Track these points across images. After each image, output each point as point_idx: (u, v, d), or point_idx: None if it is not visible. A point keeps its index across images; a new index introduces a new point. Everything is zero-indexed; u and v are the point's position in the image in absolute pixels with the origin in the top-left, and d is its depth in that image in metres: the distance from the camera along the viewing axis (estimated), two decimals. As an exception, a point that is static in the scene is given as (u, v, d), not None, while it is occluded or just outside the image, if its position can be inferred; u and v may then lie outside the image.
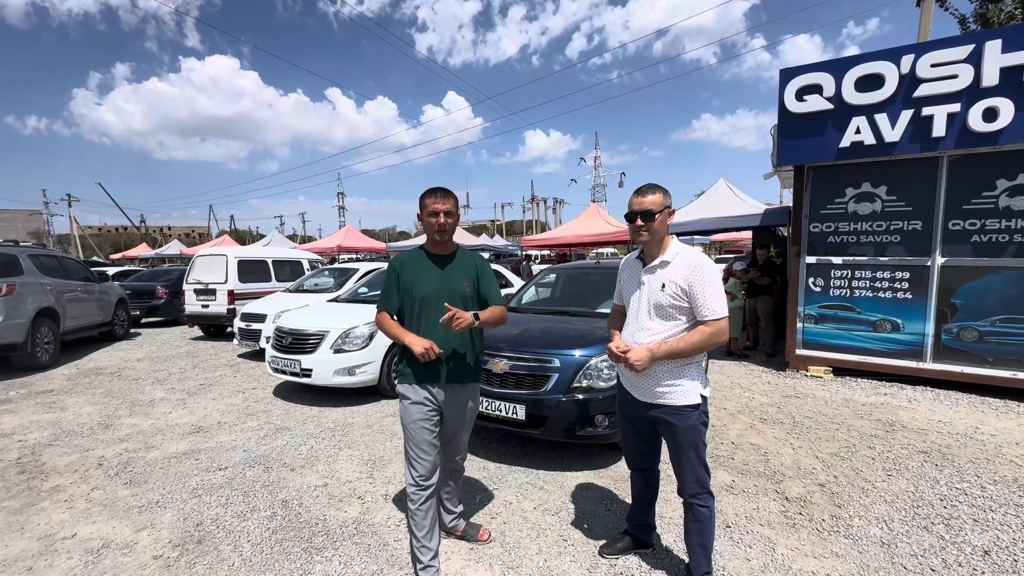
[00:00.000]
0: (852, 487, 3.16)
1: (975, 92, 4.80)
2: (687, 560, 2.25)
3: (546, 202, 56.40)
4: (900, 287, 5.47)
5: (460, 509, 2.69)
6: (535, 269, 16.64)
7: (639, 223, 2.08)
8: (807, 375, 5.92)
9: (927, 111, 4.99)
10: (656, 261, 2.11)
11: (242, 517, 2.92)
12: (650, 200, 2.07)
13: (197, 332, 10.10)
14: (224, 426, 4.52)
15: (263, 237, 29.53)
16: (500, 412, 3.42)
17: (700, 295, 1.99)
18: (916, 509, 2.88)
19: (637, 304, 2.16)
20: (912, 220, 5.35)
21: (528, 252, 25.08)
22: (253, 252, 10.87)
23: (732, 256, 16.42)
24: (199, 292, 9.16)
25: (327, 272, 8.97)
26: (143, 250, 34.64)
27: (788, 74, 5.65)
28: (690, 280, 2.01)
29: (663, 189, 2.12)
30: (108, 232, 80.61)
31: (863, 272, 5.66)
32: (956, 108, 4.88)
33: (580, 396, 3.27)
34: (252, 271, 9.50)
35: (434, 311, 2.25)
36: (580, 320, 4.18)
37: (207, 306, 9.10)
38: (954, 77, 4.86)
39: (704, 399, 2.10)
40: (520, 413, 3.35)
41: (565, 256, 19.70)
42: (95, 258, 32.43)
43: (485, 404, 3.43)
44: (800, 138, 5.67)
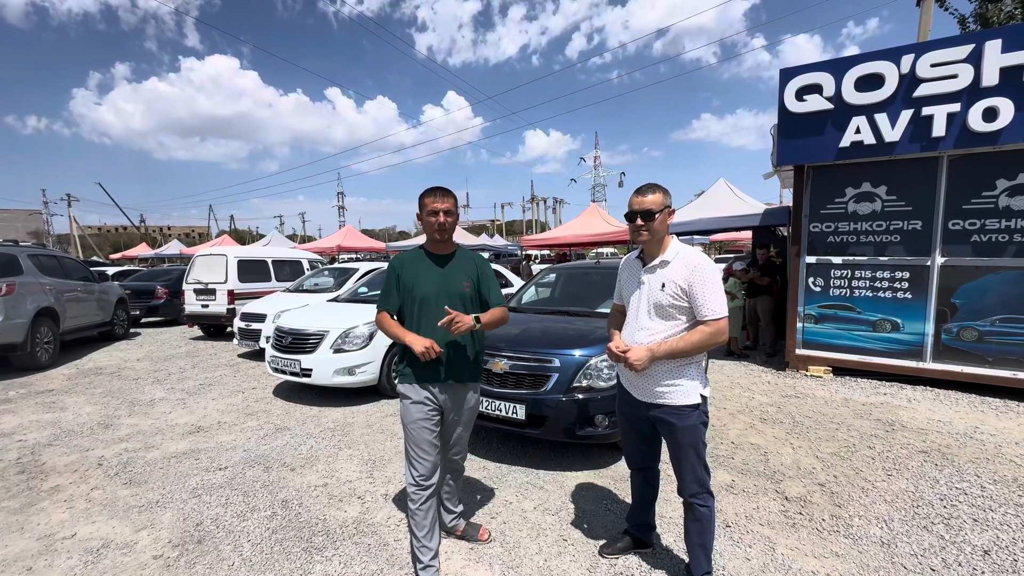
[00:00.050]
0: (852, 487, 3.16)
1: (975, 92, 4.80)
2: (687, 560, 2.25)
3: (546, 202, 56.41)
4: (900, 287, 5.47)
5: (460, 509, 2.69)
6: (535, 269, 16.65)
7: (639, 223, 2.08)
8: (807, 375, 5.92)
9: (927, 111, 4.99)
10: (656, 261, 2.11)
11: (242, 517, 2.92)
12: (650, 200, 2.07)
13: (197, 332, 10.10)
14: (224, 426, 4.52)
15: (263, 237, 29.53)
16: (500, 412, 3.42)
17: (700, 295, 1.99)
18: (916, 509, 2.89)
19: (637, 304, 2.16)
20: (912, 220, 5.35)
21: (528, 252, 25.09)
22: (253, 252, 10.87)
23: (732, 256, 16.43)
24: (199, 292, 9.16)
25: (327, 272, 8.97)
26: (143, 250, 34.64)
27: (788, 74, 5.65)
28: (690, 280, 2.01)
29: (663, 189, 2.12)
30: (108, 232, 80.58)
31: (863, 272, 5.66)
32: (956, 108, 4.88)
33: (580, 396, 3.27)
34: (252, 271, 9.51)
35: (434, 311, 2.25)
36: (580, 320, 4.18)
37: (207, 306, 9.11)
38: (954, 77, 4.87)
39: (704, 399, 2.10)
40: (520, 413, 3.35)
41: (565, 256, 19.70)
42: (95, 258, 32.43)
43: (485, 404, 3.43)
44: (800, 138, 5.67)
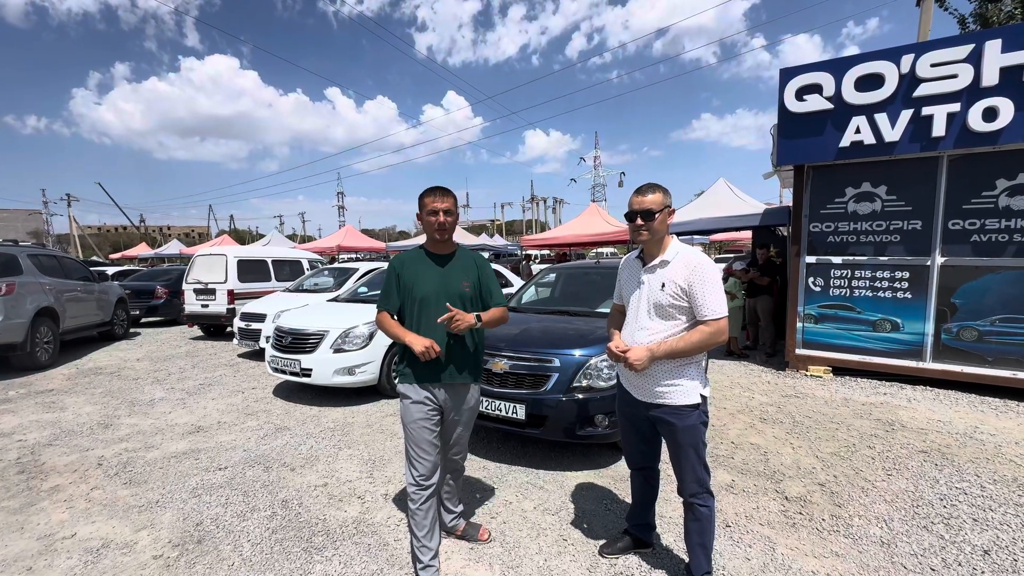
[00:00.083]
0: (852, 486, 3.16)
1: (975, 92, 4.80)
2: (687, 560, 2.25)
3: (546, 202, 56.42)
4: (900, 287, 5.47)
5: (460, 509, 2.68)
6: (535, 269, 16.66)
7: (639, 222, 2.08)
8: (807, 375, 5.92)
9: (927, 111, 4.99)
10: (656, 260, 2.11)
11: (242, 517, 2.92)
12: (650, 199, 2.07)
13: (197, 332, 10.10)
14: (224, 426, 4.52)
15: (263, 237, 29.53)
16: (500, 412, 3.42)
17: (700, 295, 1.99)
18: (916, 508, 2.89)
19: (637, 304, 2.16)
20: (912, 220, 5.35)
21: (528, 252, 25.09)
22: (253, 252, 10.87)
23: (732, 256, 16.43)
24: (199, 292, 9.16)
25: (327, 272, 8.97)
26: (143, 250, 34.63)
27: (788, 74, 5.65)
28: (690, 280, 2.01)
29: (663, 188, 2.12)
30: (107, 232, 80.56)
31: (863, 272, 5.66)
32: (956, 108, 4.88)
33: (580, 396, 3.27)
34: (252, 271, 9.50)
35: (434, 310, 2.25)
36: (580, 320, 4.18)
37: (207, 306, 9.10)
38: (954, 77, 4.87)
39: (704, 399, 2.10)
40: (520, 413, 3.35)
41: (565, 256, 19.70)
42: (94, 258, 32.44)
43: (485, 404, 3.43)
44: (800, 138, 5.67)
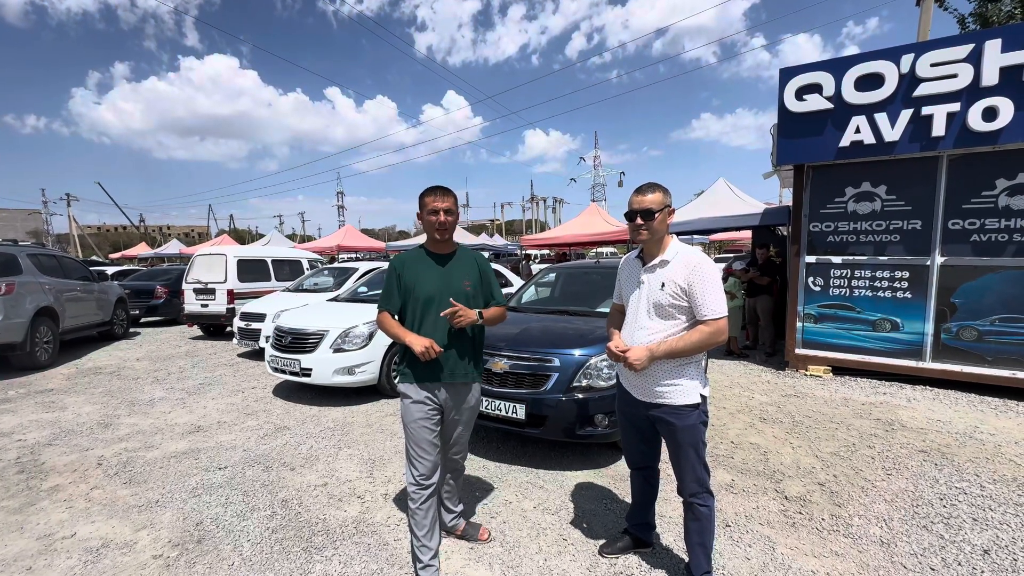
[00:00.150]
0: (852, 486, 3.16)
1: (975, 91, 4.80)
2: (687, 559, 2.25)
3: (546, 201, 56.45)
4: (900, 286, 5.47)
5: (460, 508, 2.69)
6: (535, 268, 16.66)
7: (639, 222, 2.08)
8: (806, 374, 5.92)
9: (927, 110, 4.99)
10: (656, 260, 2.11)
11: (242, 516, 2.92)
12: (650, 199, 2.07)
13: (196, 331, 10.09)
14: (224, 425, 4.52)
15: (262, 236, 29.53)
16: (500, 411, 3.42)
17: (700, 294, 1.99)
18: (916, 508, 2.89)
19: (636, 303, 2.16)
20: (912, 219, 5.35)
21: (528, 251, 25.09)
22: (252, 251, 10.86)
23: (732, 255, 16.44)
24: (198, 291, 9.15)
25: (326, 271, 8.97)
26: (142, 249, 34.62)
27: (788, 73, 5.65)
28: (690, 279, 2.01)
29: (663, 188, 2.12)
30: (107, 231, 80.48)
31: (863, 271, 5.66)
32: (956, 107, 4.88)
33: (580, 395, 3.27)
34: (251, 270, 9.50)
35: (435, 310, 2.25)
36: (580, 319, 4.18)
37: (206, 305, 9.10)
38: (954, 76, 4.87)
39: (704, 398, 2.10)
40: (520, 412, 3.35)
41: (565, 255, 19.71)
42: (94, 257, 32.43)
43: (485, 403, 3.43)
44: (800, 137, 5.67)
